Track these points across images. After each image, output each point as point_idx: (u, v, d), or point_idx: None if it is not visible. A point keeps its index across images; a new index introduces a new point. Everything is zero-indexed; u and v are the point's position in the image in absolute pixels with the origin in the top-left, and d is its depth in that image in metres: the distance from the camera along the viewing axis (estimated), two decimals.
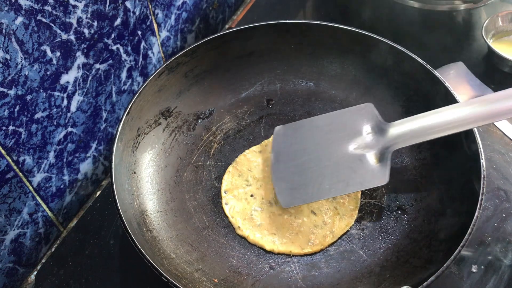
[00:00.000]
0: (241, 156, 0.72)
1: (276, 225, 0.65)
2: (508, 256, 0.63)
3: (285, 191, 0.66)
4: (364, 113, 0.67)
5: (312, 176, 0.65)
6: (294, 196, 0.65)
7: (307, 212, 0.65)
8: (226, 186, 0.69)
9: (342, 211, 0.66)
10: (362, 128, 0.66)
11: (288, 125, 0.71)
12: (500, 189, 0.70)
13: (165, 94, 0.71)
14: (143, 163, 0.68)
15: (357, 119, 0.67)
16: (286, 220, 0.65)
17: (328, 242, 0.63)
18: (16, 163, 0.59)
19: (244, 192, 0.68)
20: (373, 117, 0.66)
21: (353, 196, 0.67)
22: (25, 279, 0.67)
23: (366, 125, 0.66)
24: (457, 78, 0.81)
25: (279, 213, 0.66)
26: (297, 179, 0.65)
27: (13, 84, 0.55)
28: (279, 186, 0.66)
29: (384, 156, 0.63)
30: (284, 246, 0.63)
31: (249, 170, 0.70)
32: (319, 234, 0.64)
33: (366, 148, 0.64)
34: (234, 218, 0.66)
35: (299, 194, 0.64)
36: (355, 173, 0.63)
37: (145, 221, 0.63)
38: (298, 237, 0.64)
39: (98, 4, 0.63)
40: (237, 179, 0.69)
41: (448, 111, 0.60)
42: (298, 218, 0.65)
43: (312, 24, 0.74)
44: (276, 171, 0.68)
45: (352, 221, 0.65)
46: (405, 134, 0.62)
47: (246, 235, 0.64)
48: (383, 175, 0.62)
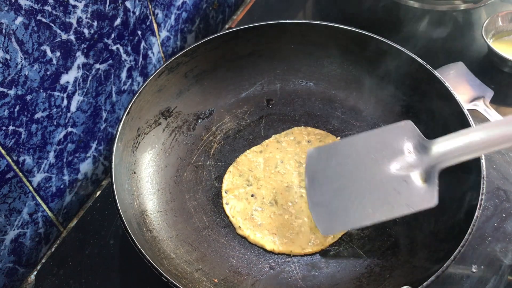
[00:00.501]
0: (242, 156, 0.72)
1: (277, 225, 0.65)
2: (508, 256, 0.63)
3: (323, 217, 0.62)
4: (403, 131, 0.63)
5: (353, 200, 0.61)
6: (334, 222, 0.61)
7: (308, 212, 0.65)
8: (227, 186, 0.69)
9: None
10: (404, 147, 0.61)
11: (322, 147, 0.67)
12: (500, 189, 0.70)
13: (165, 94, 0.71)
14: (143, 163, 0.68)
15: (397, 138, 0.63)
16: (286, 220, 0.65)
17: (329, 242, 0.63)
18: (16, 163, 0.59)
19: (245, 192, 0.68)
20: (414, 135, 0.62)
21: None
22: (25, 279, 0.67)
23: (407, 143, 0.62)
24: (457, 78, 0.81)
25: (280, 213, 0.66)
26: (336, 203, 0.61)
27: (13, 84, 0.55)
28: (316, 212, 0.62)
29: (430, 176, 0.59)
30: (285, 246, 0.63)
31: (250, 170, 0.70)
32: (319, 234, 0.63)
33: (410, 168, 0.60)
34: (235, 218, 0.66)
35: (340, 219, 0.61)
36: (399, 195, 0.59)
37: (145, 221, 0.63)
38: (298, 237, 0.64)
39: (98, 4, 0.63)
40: (238, 179, 0.69)
41: (493, 127, 0.57)
42: (299, 218, 0.65)
43: (312, 24, 0.74)
44: (312, 196, 0.64)
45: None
46: (450, 151, 0.58)
47: (246, 235, 0.64)
48: (431, 196, 0.57)
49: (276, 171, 0.70)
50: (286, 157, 0.71)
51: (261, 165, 0.71)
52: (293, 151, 0.72)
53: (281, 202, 0.67)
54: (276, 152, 0.72)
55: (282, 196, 0.67)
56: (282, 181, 0.69)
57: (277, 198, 0.67)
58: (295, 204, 0.67)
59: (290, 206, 0.66)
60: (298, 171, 0.70)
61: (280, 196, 0.68)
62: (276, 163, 0.71)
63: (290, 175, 0.69)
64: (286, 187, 0.68)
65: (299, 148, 0.72)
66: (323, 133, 0.74)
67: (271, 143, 0.73)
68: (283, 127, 0.75)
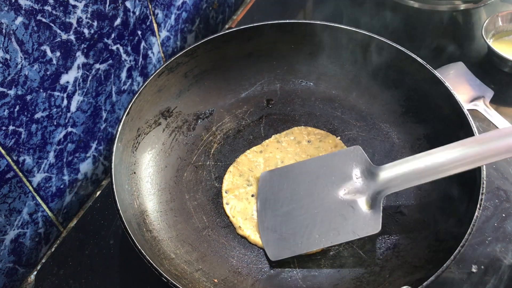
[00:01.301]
0: (242, 156, 0.72)
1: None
2: (508, 256, 0.63)
3: (272, 242, 0.62)
4: (353, 156, 0.64)
5: (301, 225, 0.62)
6: (283, 248, 0.61)
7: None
8: (227, 186, 0.69)
9: None
10: (352, 172, 0.63)
11: (274, 170, 0.69)
12: (500, 189, 0.70)
13: (165, 94, 0.71)
14: (143, 163, 0.68)
15: (346, 163, 0.64)
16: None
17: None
18: (16, 163, 0.59)
19: (245, 192, 0.68)
20: (362, 161, 0.63)
21: None
22: (25, 279, 0.67)
23: (355, 169, 0.63)
24: (457, 78, 0.81)
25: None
26: (285, 228, 0.62)
27: (13, 84, 0.55)
28: (265, 236, 0.63)
29: (376, 202, 0.60)
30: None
31: (250, 170, 0.70)
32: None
33: (356, 193, 0.62)
34: (235, 218, 0.66)
35: (288, 245, 0.61)
36: (346, 220, 0.60)
37: (145, 221, 0.63)
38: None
39: (98, 4, 0.63)
40: (238, 179, 0.69)
41: (439, 153, 0.57)
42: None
43: (312, 24, 0.74)
44: (262, 220, 0.64)
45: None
46: (396, 178, 0.59)
47: (247, 235, 0.64)
48: (375, 223, 0.59)
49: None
50: (286, 157, 0.71)
51: (261, 165, 0.71)
52: (293, 151, 0.72)
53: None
54: (276, 152, 0.72)
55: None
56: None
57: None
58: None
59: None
60: None
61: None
62: (276, 163, 0.71)
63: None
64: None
65: (299, 148, 0.72)
66: (323, 133, 0.74)
67: (271, 143, 0.73)
68: (283, 127, 0.75)
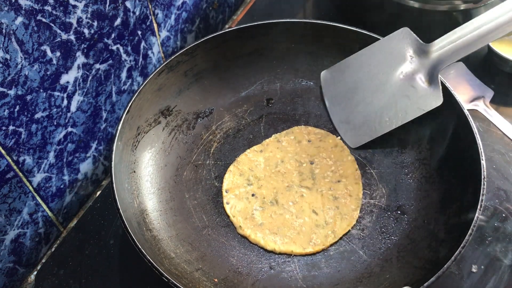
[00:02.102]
0: (242, 156, 0.72)
1: (278, 225, 0.65)
2: (508, 256, 0.63)
3: (349, 132, 0.71)
4: (402, 38, 0.68)
5: (370, 112, 0.69)
6: (359, 135, 0.69)
7: (309, 212, 0.65)
8: (227, 185, 0.69)
9: (344, 211, 0.66)
10: (406, 53, 0.68)
11: (333, 68, 0.73)
12: (500, 189, 0.70)
13: (165, 93, 0.71)
14: (142, 162, 0.68)
15: (398, 46, 0.69)
16: (287, 220, 0.65)
17: (330, 242, 0.63)
18: (16, 163, 0.59)
19: (245, 192, 0.68)
20: (412, 41, 0.67)
21: (355, 196, 0.67)
22: (25, 279, 0.67)
23: (408, 50, 0.68)
24: (457, 78, 0.81)
25: (281, 212, 0.66)
26: (357, 118, 0.70)
27: (13, 84, 0.55)
28: (342, 130, 0.71)
29: (433, 77, 0.64)
30: (286, 246, 0.63)
31: (251, 170, 0.70)
32: (320, 234, 0.64)
33: (414, 73, 0.66)
34: (235, 217, 0.66)
35: (363, 132, 0.69)
36: (410, 100, 0.66)
37: (145, 221, 0.63)
38: (299, 237, 0.64)
39: (98, 4, 0.62)
40: (238, 178, 0.69)
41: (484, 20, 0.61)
42: (300, 218, 0.65)
43: (312, 23, 0.74)
44: (334, 115, 0.72)
45: (354, 221, 0.65)
46: (447, 51, 0.64)
47: (247, 235, 0.64)
48: (437, 96, 0.64)
49: (277, 170, 0.70)
50: (286, 157, 0.71)
51: (262, 164, 0.71)
52: (293, 150, 0.72)
53: (282, 201, 0.67)
54: (276, 152, 0.72)
55: (283, 196, 0.67)
56: (283, 181, 0.69)
57: (278, 198, 0.67)
58: (296, 203, 0.67)
59: (291, 205, 0.66)
60: (299, 170, 0.70)
61: (280, 196, 0.68)
62: (276, 162, 0.71)
63: (291, 175, 0.69)
64: (286, 186, 0.68)
65: (299, 148, 0.72)
66: (323, 133, 0.74)
67: (272, 142, 0.73)
68: (283, 127, 0.75)
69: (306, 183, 0.68)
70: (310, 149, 0.72)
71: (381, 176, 0.69)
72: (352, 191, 0.67)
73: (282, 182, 0.69)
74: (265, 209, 0.66)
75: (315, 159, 0.71)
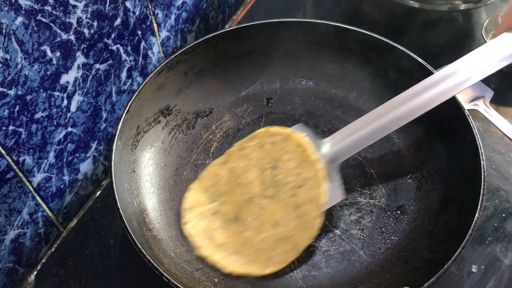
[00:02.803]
0: (204, 172, 0.67)
1: (238, 244, 0.61)
2: (508, 256, 0.63)
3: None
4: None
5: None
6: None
7: (269, 226, 0.61)
8: (189, 205, 0.65)
9: (306, 219, 0.60)
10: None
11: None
12: (500, 189, 0.70)
13: (165, 92, 0.71)
14: (142, 161, 0.68)
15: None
16: (248, 238, 0.61)
17: (291, 259, 0.60)
18: (16, 163, 0.59)
19: (207, 210, 0.64)
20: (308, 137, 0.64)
21: (316, 201, 0.60)
22: (25, 279, 0.67)
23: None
24: None
25: (241, 230, 0.61)
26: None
27: (13, 84, 0.55)
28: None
29: (331, 173, 0.61)
30: (245, 267, 0.59)
31: (213, 185, 0.65)
32: (281, 250, 0.60)
33: None
34: (194, 237, 0.62)
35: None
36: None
37: (145, 220, 0.63)
38: (259, 256, 0.60)
39: (98, 4, 0.62)
40: (200, 196, 0.65)
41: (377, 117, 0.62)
42: (260, 233, 0.61)
43: (312, 23, 0.74)
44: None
45: (315, 231, 0.60)
46: (343, 147, 0.62)
47: (205, 256, 0.60)
48: (338, 192, 0.61)
49: (239, 182, 0.64)
50: (249, 165, 0.65)
51: (225, 177, 0.65)
52: (256, 156, 0.65)
53: (244, 217, 0.62)
54: (239, 161, 0.65)
55: (244, 210, 0.62)
56: (245, 194, 0.63)
57: (240, 214, 0.62)
58: (257, 217, 0.62)
59: (252, 220, 0.62)
60: (261, 179, 0.63)
61: (242, 211, 0.62)
62: (238, 173, 0.65)
63: (252, 185, 0.63)
64: (248, 199, 0.63)
65: (262, 153, 0.65)
66: (288, 132, 0.65)
67: (234, 151, 0.66)
68: (283, 126, 0.75)
69: (267, 192, 0.62)
70: (274, 152, 0.64)
71: (381, 176, 0.69)
72: (315, 195, 0.60)
73: (244, 195, 0.63)
74: (227, 228, 0.62)
75: (279, 164, 0.63)
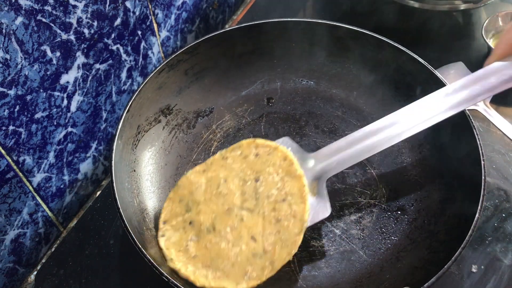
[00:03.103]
0: (183, 178, 0.63)
1: (212, 256, 0.58)
2: (508, 256, 0.63)
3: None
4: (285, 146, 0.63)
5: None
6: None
7: (247, 239, 0.58)
8: (165, 216, 0.61)
9: (286, 236, 0.57)
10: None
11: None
12: (500, 189, 0.70)
13: (165, 91, 0.71)
14: (143, 161, 0.68)
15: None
16: (222, 250, 0.58)
17: (266, 275, 0.56)
18: (16, 163, 0.59)
19: (183, 220, 0.61)
20: (294, 151, 0.62)
21: (299, 217, 0.58)
22: (25, 279, 0.67)
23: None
24: (457, 78, 0.80)
25: (216, 241, 0.58)
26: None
27: (13, 84, 0.55)
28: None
29: (319, 187, 0.60)
30: (217, 281, 0.56)
31: (191, 194, 0.62)
32: (257, 266, 0.57)
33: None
34: (168, 250, 0.59)
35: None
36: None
37: (145, 220, 0.63)
38: (233, 270, 0.57)
39: (98, 4, 0.62)
40: (177, 206, 0.62)
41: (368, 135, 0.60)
42: (236, 246, 0.58)
43: (313, 23, 0.74)
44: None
45: (295, 248, 0.57)
46: (331, 162, 0.60)
47: (177, 269, 0.57)
48: (324, 207, 0.59)
49: (218, 192, 0.61)
50: (230, 175, 0.62)
51: (203, 186, 0.62)
52: (238, 167, 0.62)
53: (220, 227, 0.59)
54: (220, 170, 0.62)
55: (221, 221, 0.59)
56: (223, 204, 0.60)
57: (216, 224, 0.59)
58: (234, 229, 0.59)
59: (228, 232, 0.58)
60: (242, 190, 0.61)
61: (219, 221, 0.59)
62: (218, 183, 0.62)
63: (232, 196, 0.60)
64: (226, 210, 0.60)
65: (245, 164, 0.62)
66: (273, 145, 0.63)
67: (216, 160, 0.63)
68: (283, 126, 0.75)
69: (247, 204, 0.60)
70: (257, 164, 0.62)
71: (381, 176, 0.69)
72: (297, 211, 0.58)
73: (222, 205, 0.60)
74: (201, 239, 0.59)
75: (261, 176, 0.61)
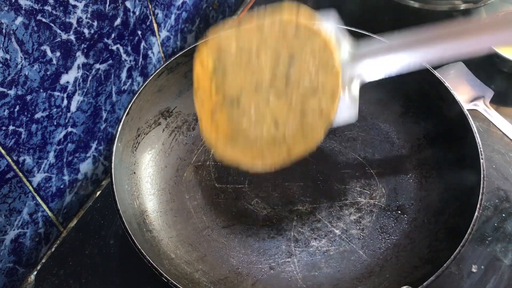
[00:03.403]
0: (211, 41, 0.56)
1: (232, 130, 0.55)
2: (508, 256, 0.63)
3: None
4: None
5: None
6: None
7: (269, 122, 0.54)
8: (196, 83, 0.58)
9: (307, 130, 0.54)
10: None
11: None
12: (500, 189, 0.70)
13: (165, 94, 0.71)
14: (142, 163, 0.68)
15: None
16: (243, 128, 0.55)
17: (281, 163, 0.55)
18: (16, 163, 0.59)
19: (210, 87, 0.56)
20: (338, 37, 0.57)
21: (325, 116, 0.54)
22: (25, 279, 0.67)
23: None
24: (457, 78, 0.81)
25: (239, 116, 0.55)
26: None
27: (13, 84, 0.55)
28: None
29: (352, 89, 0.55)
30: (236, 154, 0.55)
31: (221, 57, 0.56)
32: (274, 151, 0.55)
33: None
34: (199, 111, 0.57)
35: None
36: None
37: (145, 221, 0.63)
38: (250, 150, 0.55)
39: (98, 4, 0.63)
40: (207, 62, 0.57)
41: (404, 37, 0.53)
42: (258, 127, 0.55)
43: None
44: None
45: (313, 146, 0.54)
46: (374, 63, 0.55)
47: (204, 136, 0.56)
48: (353, 112, 0.55)
49: (248, 66, 0.55)
50: (263, 47, 0.54)
51: (233, 54, 0.55)
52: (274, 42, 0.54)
53: (244, 103, 0.55)
54: (253, 39, 0.55)
55: (247, 97, 0.55)
56: (251, 81, 0.55)
57: (241, 98, 0.55)
58: (258, 109, 0.55)
59: (253, 110, 0.55)
60: (273, 72, 0.54)
61: (245, 97, 0.55)
62: (250, 56, 0.55)
63: (262, 75, 0.54)
64: (254, 88, 0.55)
65: (281, 40, 0.54)
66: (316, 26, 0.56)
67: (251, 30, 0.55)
68: None
69: (276, 88, 0.54)
70: (294, 44, 0.54)
71: (381, 176, 0.69)
72: (324, 110, 0.54)
73: (250, 82, 0.55)
74: (224, 109, 0.55)
75: (296, 59, 0.54)
